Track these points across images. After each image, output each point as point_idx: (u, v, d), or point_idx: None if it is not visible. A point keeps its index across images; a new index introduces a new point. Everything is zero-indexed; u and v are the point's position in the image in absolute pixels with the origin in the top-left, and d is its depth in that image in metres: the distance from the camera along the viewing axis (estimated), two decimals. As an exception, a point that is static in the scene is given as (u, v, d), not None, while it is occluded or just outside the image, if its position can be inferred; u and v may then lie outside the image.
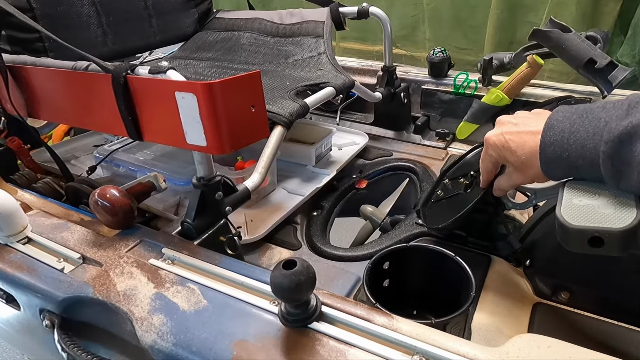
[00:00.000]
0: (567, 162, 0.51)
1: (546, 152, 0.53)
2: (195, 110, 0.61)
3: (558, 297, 0.74)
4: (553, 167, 0.54)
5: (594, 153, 0.48)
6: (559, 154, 0.51)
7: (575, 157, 0.50)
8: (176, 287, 0.57)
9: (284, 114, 0.83)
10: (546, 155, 0.53)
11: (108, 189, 0.66)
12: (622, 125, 0.46)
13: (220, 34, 1.22)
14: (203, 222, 0.70)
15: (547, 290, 0.74)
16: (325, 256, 0.85)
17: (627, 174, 0.46)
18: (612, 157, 0.47)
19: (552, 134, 0.52)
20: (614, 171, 0.47)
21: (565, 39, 0.96)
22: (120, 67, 0.68)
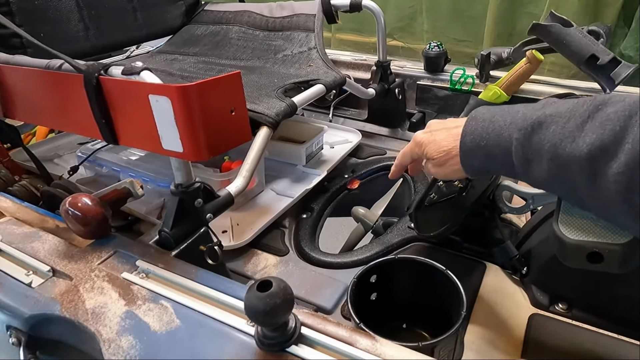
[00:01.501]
0: (484, 151, 0.52)
1: (465, 140, 0.54)
2: (170, 115, 0.57)
3: (555, 307, 0.71)
4: (471, 157, 0.54)
5: (509, 141, 0.49)
6: (477, 142, 0.52)
7: (492, 145, 0.51)
8: (148, 305, 0.54)
9: (269, 114, 0.79)
10: (465, 144, 0.54)
11: (80, 197, 0.63)
12: (536, 115, 0.47)
13: (209, 27, 1.18)
14: (182, 231, 0.66)
15: (544, 300, 0.71)
16: (314, 263, 0.81)
17: (535, 162, 0.47)
18: (523, 144, 0.47)
19: (474, 124, 0.53)
20: (523, 159, 0.48)
21: (566, 33, 0.92)
22: (93, 67, 0.64)
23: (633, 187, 0.39)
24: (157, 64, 1.06)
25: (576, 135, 0.43)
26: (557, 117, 0.45)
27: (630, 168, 0.38)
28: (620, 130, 0.40)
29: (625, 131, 0.39)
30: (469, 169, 0.56)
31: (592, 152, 0.41)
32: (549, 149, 0.45)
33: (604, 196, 0.41)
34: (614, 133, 0.40)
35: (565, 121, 0.44)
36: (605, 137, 0.40)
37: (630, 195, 0.39)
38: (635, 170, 0.38)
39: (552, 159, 0.45)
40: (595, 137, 0.41)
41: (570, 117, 0.44)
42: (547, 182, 0.47)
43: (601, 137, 0.41)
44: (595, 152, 0.41)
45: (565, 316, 0.69)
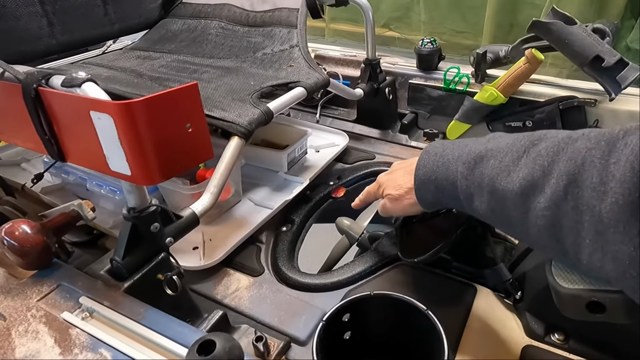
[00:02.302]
0: (434, 184, 0.54)
1: (419, 174, 0.56)
2: (114, 134, 0.50)
3: (551, 338, 0.65)
4: (424, 190, 0.56)
5: (455, 175, 0.50)
6: (428, 175, 0.54)
7: (441, 178, 0.52)
8: (85, 355, 0.48)
9: (241, 123, 0.72)
10: (419, 177, 0.56)
11: (18, 224, 0.56)
12: (479, 149, 0.48)
13: (186, 21, 1.10)
14: (136, 259, 0.59)
15: (539, 329, 0.65)
16: (290, 284, 0.75)
17: (476, 195, 0.48)
18: (467, 178, 0.49)
19: (426, 157, 0.55)
20: (467, 192, 0.49)
21: (569, 32, 0.84)
22: (32, 76, 0.56)
23: (558, 223, 0.39)
24: (128, 62, 0.99)
25: (511, 169, 0.44)
26: (497, 151, 0.46)
27: (555, 203, 0.39)
28: (548, 165, 0.40)
29: (552, 166, 0.40)
30: (423, 202, 0.58)
31: (523, 186, 0.42)
32: (488, 183, 0.46)
33: (533, 232, 0.42)
34: (542, 168, 0.40)
35: (503, 155, 0.45)
36: (535, 172, 0.41)
37: (555, 230, 0.39)
38: (560, 206, 0.38)
39: (490, 192, 0.46)
40: (527, 171, 0.42)
41: (508, 152, 0.45)
42: (488, 216, 0.48)
43: (531, 172, 0.41)
44: (526, 187, 0.41)
45: (561, 348, 0.63)
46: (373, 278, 0.74)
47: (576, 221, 0.37)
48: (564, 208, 0.38)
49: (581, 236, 0.37)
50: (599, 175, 0.36)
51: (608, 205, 0.34)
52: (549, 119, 0.97)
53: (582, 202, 0.37)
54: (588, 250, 0.37)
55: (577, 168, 0.38)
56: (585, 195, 0.36)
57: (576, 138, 0.40)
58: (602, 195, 0.35)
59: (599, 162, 0.36)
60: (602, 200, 0.35)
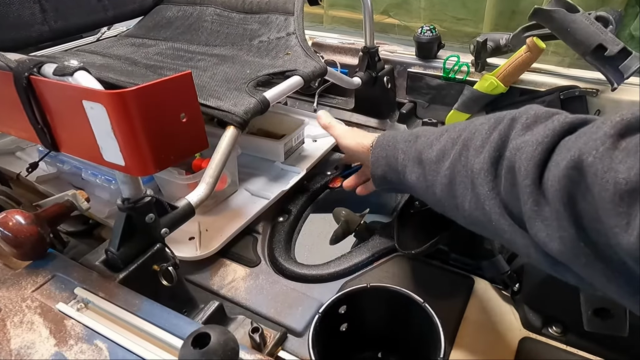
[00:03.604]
0: (385, 160, 0.63)
1: (375, 151, 0.65)
2: (107, 124, 0.49)
3: (549, 330, 0.64)
4: (376, 165, 0.64)
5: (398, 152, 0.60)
6: (381, 153, 0.63)
7: (390, 155, 0.62)
8: (81, 346, 0.47)
9: (237, 113, 0.71)
10: (374, 154, 0.65)
11: (12, 214, 0.55)
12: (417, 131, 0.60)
13: (182, 8, 1.08)
14: (131, 250, 0.59)
15: (537, 322, 0.65)
16: (287, 275, 0.75)
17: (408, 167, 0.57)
18: (405, 152, 0.59)
19: (382, 137, 0.65)
20: (403, 164, 0.59)
21: (571, 20, 0.83)
22: (24, 64, 0.55)
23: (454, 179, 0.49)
24: (122, 50, 0.97)
25: (434, 143, 0.54)
26: (427, 131, 0.58)
27: (452, 164, 0.49)
28: (456, 137, 0.51)
29: (457, 138, 0.51)
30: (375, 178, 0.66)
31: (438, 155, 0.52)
32: (416, 155, 0.56)
33: (438, 191, 0.52)
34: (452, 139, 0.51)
35: (431, 133, 0.56)
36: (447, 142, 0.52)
37: (451, 186, 0.50)
38: (455, 165, 0.49)
39: (417, 163, 0.56)
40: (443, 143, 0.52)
41: (435, 132, 0.56)
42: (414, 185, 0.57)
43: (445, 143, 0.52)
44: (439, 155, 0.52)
45: (559, 340, 0.63)
46: (370, 269, 0.74)
47: (464, 175, 0.47)
48: (457, 167, 0.48)
49: (466, 187, 0.47)
50: (481, 140, 0.46)
51: (480, 159, 0.45)
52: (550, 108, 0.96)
53: (468, 160, 0.47)
54: (469, 197, 0.47)
55: (470, 136, 0.48)
56: (470, 155, 0.47)
57: (478, 118, 0.50)
58: (479, 154, 0.46)
59: (484, 132, 0.47)
60: (478, 157, 0.46)
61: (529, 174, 0.39)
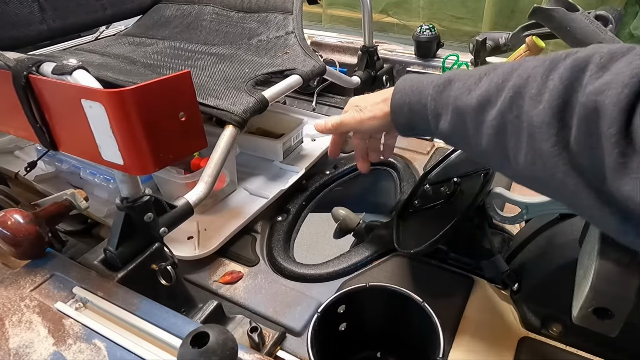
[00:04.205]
0: (408, 107, 0.57)
1: (395, 97, 0.59)
2: (106, 123, 0.49)
3: (548, 330, 0.64)
4: (399, 113, 0.58)
5: (426, 97, 0.54)
6: (403, 99, 0.57)
7: (415, 101, 0.56)
8: (79, 345, 0.47)
9: (236, 112, 0.71)
10: (395, 100, 0.59)
11: (10, 213, 0.55)
12: (449, 75, 0.53)
13: (180, 7, 1.08)
14: (130, 249, 0.59)
15: (537, 321, 0.65)
16: (285, 274, 0.74)
17: (442, 114, 0.52)
18: (435, 99, 0.52)
19: (403, 83, 0.58)
20: (435, 112, 0.53)
21: (571, 19, 0.82)
22: (22, 63, 0.55)
23: (504, 130, 0.43)
24: (121, 49, 0.97)
25: (472, 88, 0.48)
26: (462, 74, 0.51)
27: (501, 113, 0.43)
28: (501, 82, 0.44)
29: (504, 83, 0.44)
30: (397, 125, 0.60)
31: (480, 101, 0.46)
32: (452, 102, 0.50)
33: (484, 141, 0.46)
34: (497, 85, 0.45)
35: (468, 78, 0.49)
36: (490, 88, 0.45)
37: (500, 137, 0.44)
38: (505, 115, 0.43)
39: (453, 110, 0.50)
40: (484, 89, 0.46)
41: (471, 75, 0.49)
42: (450, 133, 0.52)
43: (487, 89, 0.45)
44: (482, 101, 0.46)
45: (558, 340, 0.63)
46: (369, 269, 0.74)
47: (517, 127, 0.42)
48: (508, 117, 0.43)
49: (520, 140, 0.42)
50: (537, 87, 0.41)
51: (539, 110, 0.40)
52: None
53: (523, 110, 0.42)
54: (524, 152, 0.42)
55: (522, 82, 0.42)
56: (525, 105, 0.41)
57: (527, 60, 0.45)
58: (537, 104, 0.40)
59: (539, 77, 0.41)
60: (536, 107, 0.40)
61: (615, 121, 0.34)
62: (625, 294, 0.41)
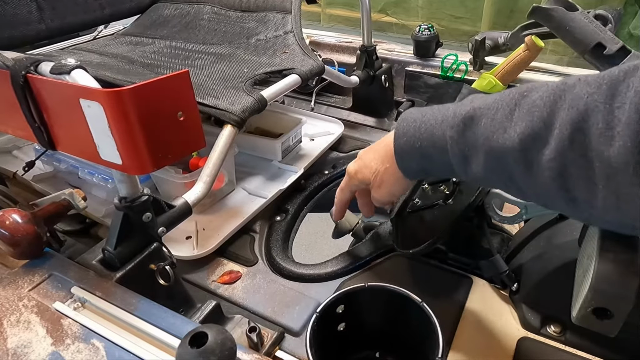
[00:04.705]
0: (419, 152, 0.51)
1: (400, 143, 0.53)
2: (104, 122, 0.49)
3: (547, 330, 0.64)
4: (408, 160, 0.53)
5: (443, 140, 0.48)
6: (412, 143, 0.51)
7: (427, 145, 0.50)
8: (77, 345, 0.47)
9: (234, 111, 0.71)
10: (400, 147, 0.53)
11: (9, 213, 0.55)
12: (465, 110, 0.46)
13: (179, 6, 1.07)
14: (128, 249, 0.59)
15: (536, 321, 0.65)
16: (284, 274, 0.74)
17: (472, 158, 0.46)
18: (458, 142, 0.46)
19: (405, 125, 0.52)
20: (460, 157, 0.47)
21: (570, 18, 0.82)
22: (20, 63, 0.55)
23: (566, 172, 0.38)
24: (119, 48, 0.97)
25: (507, 125, 0.42)
26: (486, 109, 0.44)
27: (560, 153, 0.38)
28: (547, 116, 0.39)
29: (552, 116, 0.39)
30: (407, 172, 0.55)
31: (524, 140, 0.40)
32: (483, 143, 0.44)
33: (540, 183, 0.41)
34: (542, 119, 0.39)
35: (494, 112, 0.43)
36: (534, 124, 0.40)
37: (563, 180, 0.39)
38: (566, 155, 0.38)
39: (487, 152, 0.44)
40: (525, 125, 0.40)
41: (498, 108, 0.43)
42: (486, 176, 0.46)
43: (530, 125, 0.40)
44: (527, 141, 0.40)
45: (557, 340, 0.63)
46: (368, 269, 0.74)
47: (586, 168, 0.37)
48: (570, 157, 0.37)
49: (593, 182, 0.37)
50: (604, 121, 0.35)
51: (616, 149, 0.34)
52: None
53: (590, 148, 0.36)
54: (602, 195, 0.37)
55: (580, 115, 0.37)
56: (593, 142, 0.36)
57: (572, 84, 0.39)
58: (610, 140, 0.35)
59: (602, 107, 0.35)
60: (610, 145, 0.35)
61: None
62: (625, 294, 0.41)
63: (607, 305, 0.42)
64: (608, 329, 0.43)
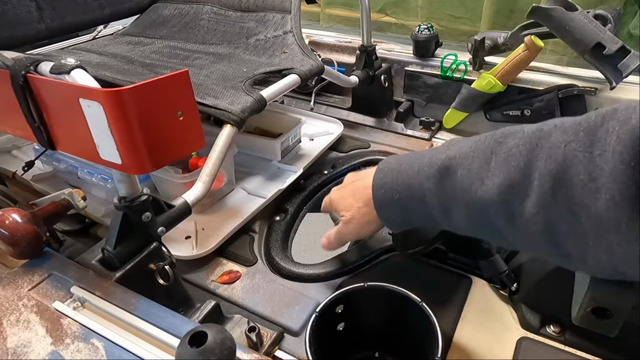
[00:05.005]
0: (399, 204, 0.49)
1: (378, 195, 0.51)
2: (104, 122, 0.49)
3: (547, 330, 0.64)
4: (388, 211, 0.51)
5: (421, 191, 0.46)
6: (390, 195, 0.49)
7: (405, 196, 0.48)
8: (77, 344, 0.47)
9: (234, 111, 0.71)
10: (379, 198, 0.51)
11: (8, 213, 0.55)
12: (440, 159, 0.44)
13: (178, 6, 1.07)
14: (128, 249, 0.59)
15: (535, 321, 0.65)
16: (284, 274, 0.74)
17: (453, 210, 0.43)
18: (437, 194, 0.44)
19: (382, 176, 0.51)
20: (440, 208, 0.45)
21: (570, 18, 0.82)
22: (20, 62, 0.55)
23: (553, 227, 0.35)
24: (118, 48, 0.97)
25: (483, 176, 0.40)
26: (461, 158, 0.42)
27: (543, 207, 0.35)
28: (525, 166, 0.36)
29: (530, 167, 0.36)
30: (390, 223, 0.54)
31: (503, 192, 0.38)
32: (462, 196, 0.42)
33: (527, 237, 0.38)
34: (519, 170, 0.37)
35: (470, 162, 0.41)
36: (512, 175, 0.37)
37: (550, 235, 0.36)
38: (550, 209, 0.35)
39: (466, 205, 0.42)
40: (503, 176, 0.38)
41: (474, 157, 0.41)
42: (471, 229, 0.44)
43: (508, 176, 0.37)
44: (507, 192, 0.38)
45: (557, 340, 0.63)
46: (367, 269, 0.74)
47: (572, 223, 0.34)
48: (555, 211, 0.35)
49: (583, 238, 0.34)
50: (586, 172, 0.32)
51: (604, 203, 0.31)
52: (548, 107, 0.96)
53: (574, 202, 0.33)
54: (594, 252, 0.34)
55: (559, 166, 0.34)
56: (576, 195, 0.33)
57: (548, 131, 0.36)
58: (595, 194, 0.32)
59: (582, 156, 0.33)
60: (596, 198, 0.32)
61: None
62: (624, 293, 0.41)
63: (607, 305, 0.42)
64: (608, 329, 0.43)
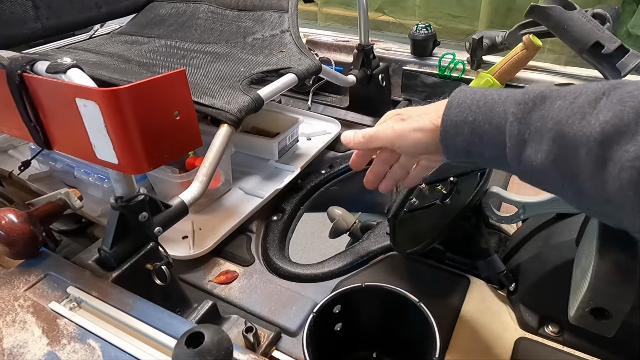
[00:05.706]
0: (470, 128, 0.43)
1: (450, 114, 0.44)
2: (100, 122, 0.49)
3: (545, 330, 0.64)
4: (453, 133, 0.44)
5: (503, 117, 0.41)
6: (464, 116, 0.43)
7: (481, 120, 0.42)
8: (74, 345, 0.47)
9: (231, 110, 0.71)
10: (449, 118, 0.45)
11: (4, 213, 0.55)
12: (540, 89, 0.40)
13: (175, 5, 1.07)
14: (124, 249, 0.59)
15: (533, 321, 0.65)
16: (281, 274, 0.74)
17: (532, 143, 0.39)
18: (521, 121, 0.40)
19: (462, 95, 0.45)
20: (518, 138, 0.40)
21: (568, 17, 0.82)
22: (16, 62, 0.55)
23: None
24: (115, 47, 0.97)
25: (587, 112, 0.35)
26: (565, 92, 0.38)
27: None
28: None
29: None
30: (449, 149, 0.46)
31: (606, 131, 0.34)
32: (552, 127, 0.37)
33: (611, 185, 0.34)
34: (635, 110, 0.33)
35: (575, 97, 0.37)
36: (624, 114, 0.33)
37: None
38: None
39: (554, 138, 0.37)
40: (612, 114, 0.34)
41: (580, 93, 0.37)
42: (544, 168, 0.39)
43: (620, 115, 0.33)
44: (610, 132, 0.34)
45: (555, 340, 0.63)
46: (365, 269, 0.74)
47: None
48: None
49: None
50: None
51: None
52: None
53: None
54: None
55: None
56: None
57: None
58: None
59: None
60: None
61: None
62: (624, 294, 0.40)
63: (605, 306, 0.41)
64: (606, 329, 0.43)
